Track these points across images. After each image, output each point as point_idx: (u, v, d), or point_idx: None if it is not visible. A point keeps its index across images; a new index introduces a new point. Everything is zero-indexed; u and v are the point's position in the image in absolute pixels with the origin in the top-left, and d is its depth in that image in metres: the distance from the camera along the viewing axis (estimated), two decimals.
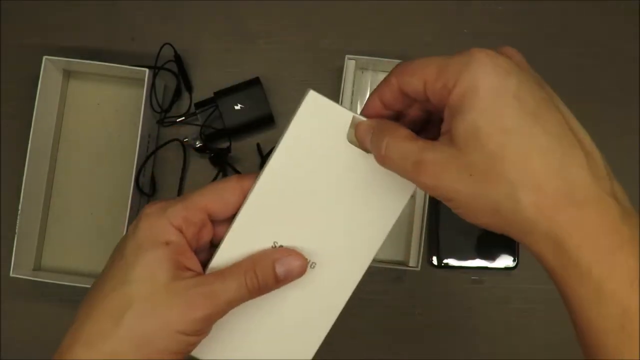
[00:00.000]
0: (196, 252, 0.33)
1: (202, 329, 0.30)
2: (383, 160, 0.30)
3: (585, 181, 0.26)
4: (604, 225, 0.25)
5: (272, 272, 0.31)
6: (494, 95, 0.26)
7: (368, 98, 0.32)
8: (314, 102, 0.32)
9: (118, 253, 0.33)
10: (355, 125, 0.32)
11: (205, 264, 0.33)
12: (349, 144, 0.32)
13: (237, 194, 0.33)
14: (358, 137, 0.32)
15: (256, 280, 0.31)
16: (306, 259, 0.32)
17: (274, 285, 0.32)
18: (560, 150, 0.26)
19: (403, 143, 0.29)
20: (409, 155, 0.28)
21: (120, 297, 0.30)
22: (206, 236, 0.33)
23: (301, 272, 0.32)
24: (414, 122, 0.33)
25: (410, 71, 0.29)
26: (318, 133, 0.32)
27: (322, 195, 0.33)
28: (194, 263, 0.32)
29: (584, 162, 0.26)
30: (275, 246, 0.33)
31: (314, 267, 0.33)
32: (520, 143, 0.25)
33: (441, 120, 0.29)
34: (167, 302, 0.30)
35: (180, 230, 0.31)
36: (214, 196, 0.32)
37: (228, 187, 0.33)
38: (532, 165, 0.25)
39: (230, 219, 0.33)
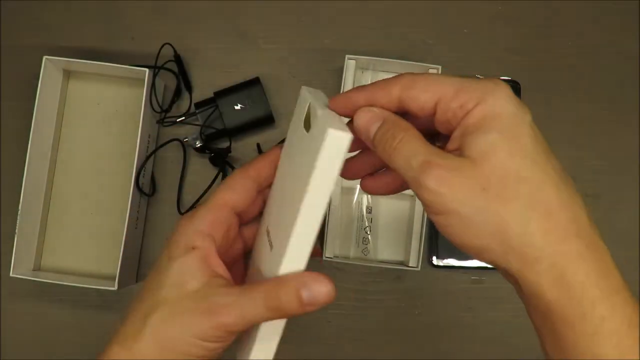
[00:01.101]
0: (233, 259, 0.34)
1: (222, 337, 0.30)
2: (391, 153, 0.29)
3: (586, 221, 0.27)
4: (603, 268, 0.26)
5: (296, 296, 0.29)
6: (515, 122, 0.27)
7: (349, 92, 0.31)
8: (335, 142, 0.28)
9: (156, 262, 0.34)
10: (362, 109, 0.30)
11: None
12: None
13: (248, 184, 0.34)
14: (360, 123, 0.30)
15: (278, 302, 0.30)
16: (332, 284, 0.30)
17: (299, 309, 0.30)
18: (568, 187, 0.27)
19: (419, 141, 0.28)
20: (419, 154, 0.27)
21: (151, 300, 0.31)
22: (233, 233, 0.35)
23: (328, 299, 0.29)
24: None
25: (423, 87, 0.29)
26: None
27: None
28: (221, 267, 0.32)
29: (583, 203, 0.27)
30: (268, 232, 0.33)
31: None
32: (537, 170, 0.27)
33: (433, 137, 0.29)
34: (190, 308, 0.30)
35: (210, 234, 0.33)
36: (228, 190, 0.34)
37: (237, 180, 0.34)
38: (546, 193, 0.26)
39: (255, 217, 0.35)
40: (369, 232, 0.56)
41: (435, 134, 0.31)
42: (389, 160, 0.29)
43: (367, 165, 0.34)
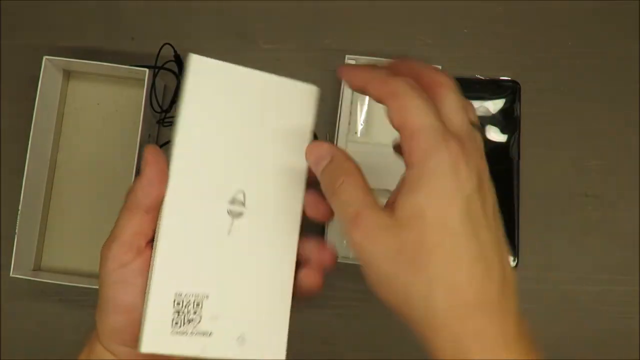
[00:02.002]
0: None
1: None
2: (331, 195, 0.30)
3: (495, 296, 0.27)
4: (508, 342, 0.26)
5: None
6: (449, 191, 0.27)
7: (361, 70, 0.32)
8: (200, 66, 0.32)
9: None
10: (313, 143, 0.32)
11: None
12: (251, 100, 0.34)
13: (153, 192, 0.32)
14: (311, 156, 0.32)
15: None
16: None
17: None
18: (484, 264, 0.27)
19: (357, 190, 0.29)
20: (353, 203, 0.29)
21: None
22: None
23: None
24: None
25: (401, 107, 0.29)
26: (215, 95, 0.33)
27: (240, 151, 0.33)
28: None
29: (500, 279, 0.27)
30: (233, 200, 0.32)
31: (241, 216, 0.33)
32: (457, 244, 0.26)
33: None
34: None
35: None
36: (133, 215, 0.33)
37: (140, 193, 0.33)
38: (457, 268, 0.26)
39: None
40: None
41: None
42: (329, 199, 0.30)
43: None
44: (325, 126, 0.57)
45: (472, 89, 0.58)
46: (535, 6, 0.60)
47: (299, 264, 0.34)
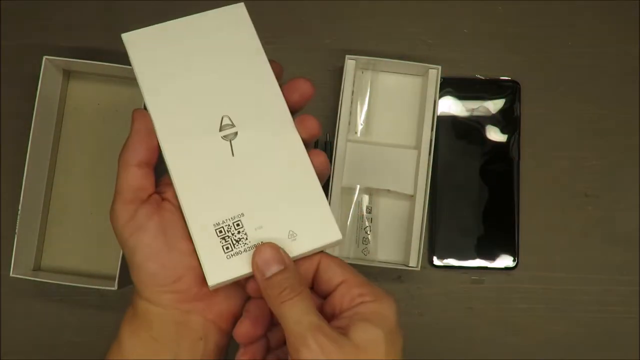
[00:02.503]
0: None
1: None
2: (285, 303, 0.31)
3: None
4: None
5: None
6: (396, 331, 0.32)
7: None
8: (132, 38, 0.36)
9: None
10: (263, 246, 0.32)
11: None
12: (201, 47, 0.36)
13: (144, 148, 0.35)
14: (260, 260, 0.32)
15: None
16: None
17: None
18: None
19: (310, 301, 0.31)
20: (312, 314, 0.30)
21: None
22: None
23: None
24: None
25: (340, 264, 0.34)
26: (159, 53, 0.36)
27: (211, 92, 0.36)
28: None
29: None
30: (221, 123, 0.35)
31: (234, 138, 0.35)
32: None
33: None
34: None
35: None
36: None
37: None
38: None
39: None
40: (369, 232, 0.56)
41: None
42: (277, 307, 0.31)
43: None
44: (326, 126, 0.57)
45: (472, 89, 0.58)
46: (535, 6, 0.60)
47: None
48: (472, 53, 0.59)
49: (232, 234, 0.33)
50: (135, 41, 0.36)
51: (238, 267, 0.32)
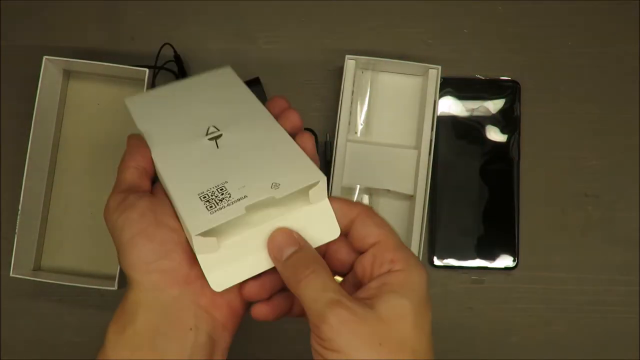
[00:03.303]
0: None
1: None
2: (301, 281, 0.30)
3: None
4: None
5: None
6: (424, 302, 0.31)
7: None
8: (134, 100, 0.41)
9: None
10: (276, 231, 0.33)
11: None
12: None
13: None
14: (275, 243, 0.32)
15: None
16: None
17: None
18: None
19: (328, 276, 0.30)
20: (329, 290, 0.30)
21: None
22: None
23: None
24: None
25: (378, 222, 0.33)
26: (158, 104, 0.40)
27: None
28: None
29: None
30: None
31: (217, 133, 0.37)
32: (428, 348, 0.30)
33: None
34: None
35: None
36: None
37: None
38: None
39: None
40: None
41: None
42: (295, 287, 0.31)
43: (267, 289, 0.35)
44: (326, 126, 0.57)
45: (472, 89, 0.58)
46: (535, 6, 0.60)
47: None
48: (472, 53, 0.59)
49: (216, 197, 0.33)
50: (135, 102, 0.40)
51: (221, 218, 0.32)
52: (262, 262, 0.33)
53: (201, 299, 0.33)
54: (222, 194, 0.33)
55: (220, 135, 0.36)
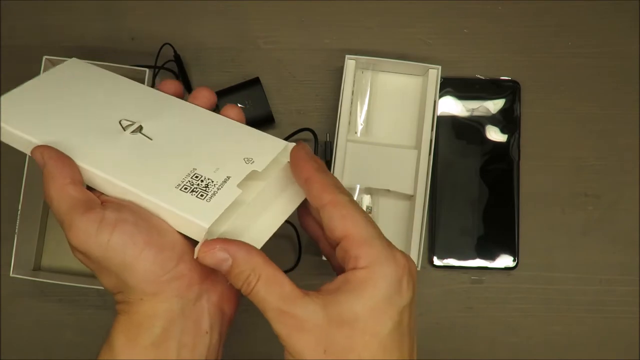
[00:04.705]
0: None
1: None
2: (249, 295, 0.29)
3: None
4: None
5: None
6: (386, 302, 0.28)
7: (302, 161, 0.32)
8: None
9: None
10: (203, 244, 0.30)
11: None
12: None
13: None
14: (210, 263, 0.30)
15: None
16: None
17: None
18: None
19: (270, 286, 0.29)
20: (274, 300, 0.28)
21: None
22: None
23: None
24: None
25: (344, 215, 0.30)
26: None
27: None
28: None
29: None
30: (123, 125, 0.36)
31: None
32: (379, 352, 0.28)
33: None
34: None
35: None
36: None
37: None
38: None
39: None
40: None
41: None
42: (250, 298, 0.30)
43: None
44: (326, 126, 0.57)
45: (472, 89, 0.58)
46: (535, 6, 0.60)
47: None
48: (472, 53, 0.59)
49: (198, 185, 0.32)
50: (8, 119, 0.36)
51: (224, 202, 0.31)
52: (277, 218, 0.34)
53: (213, 295, 0.33)
54: (202, 180, 0.32)
55: (140, 127, 0.35)
